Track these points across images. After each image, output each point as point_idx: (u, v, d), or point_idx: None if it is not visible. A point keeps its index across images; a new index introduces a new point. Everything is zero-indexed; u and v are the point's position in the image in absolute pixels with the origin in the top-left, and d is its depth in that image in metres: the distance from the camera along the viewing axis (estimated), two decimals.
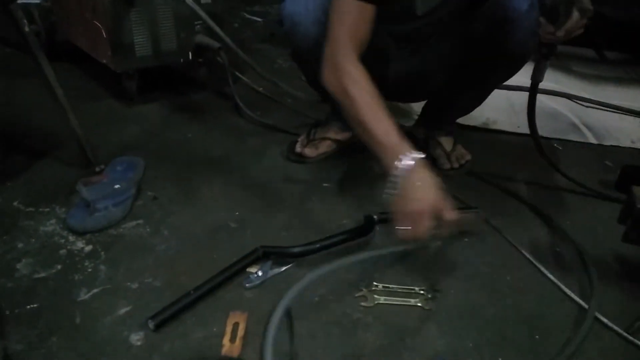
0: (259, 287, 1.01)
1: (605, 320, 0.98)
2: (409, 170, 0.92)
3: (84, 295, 0.97)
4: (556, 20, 1.07)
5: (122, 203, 1.18)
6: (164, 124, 1.62)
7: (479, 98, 1.41)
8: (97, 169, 1.31)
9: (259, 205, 1.26)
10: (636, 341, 0.94)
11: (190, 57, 1.77)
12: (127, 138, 1.53)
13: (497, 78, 1.32)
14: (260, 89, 1.89)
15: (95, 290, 0.98)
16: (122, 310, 0.94)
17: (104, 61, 1.68)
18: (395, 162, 0.93)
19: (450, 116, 1.49)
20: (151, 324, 0.89)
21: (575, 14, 1.04)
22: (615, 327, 0.96)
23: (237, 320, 0.92)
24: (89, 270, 1.03)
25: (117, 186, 1.19)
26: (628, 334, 0.95)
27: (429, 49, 1.30)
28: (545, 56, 1.17)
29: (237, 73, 1.86)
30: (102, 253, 1.07)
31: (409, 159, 0.92)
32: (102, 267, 1.04)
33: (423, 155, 0.94)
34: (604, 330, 0.97)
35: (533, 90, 1.25)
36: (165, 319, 0.91)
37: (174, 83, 1.91)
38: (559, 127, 1.82)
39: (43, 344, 0.86)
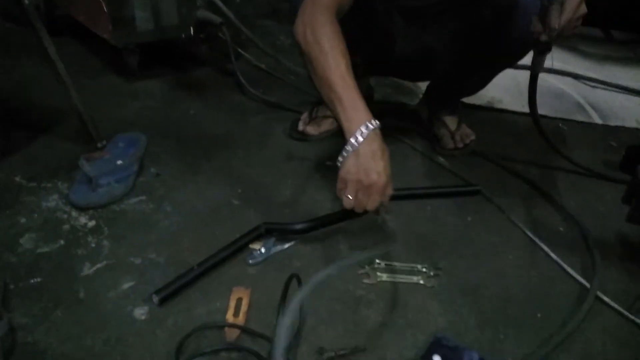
0: (262, 264, 1.01)
1: (606, 299, 0.98)
2: (366, 139, 0.91)
3: (87, 270, 0.97)
4: (546, 21, 1.04)
5: (124, 179, 1.17)
6: (166, 101, 1.61)
7: (483, 82, 1.41)
8: (99, 145, 1.30)
9: (261, 183, 1.25)
10: (637, 320, 0.94)
11: (192, 33, 1.74)
12: (129, 114, 1.52)
13: (501, 63, 1.31)
14: (263, 65, 1.87)
15: (98, 266, 0.98)
16: (126, 285, 0.94)
17: (105, 36, 1.66)
18: (354, 129, 0.92)
19: (454, 97, 1.48)
20: (155, 299, 0.90)
21: (565, 17, 1.01)
22: (617, 306, 0.97)
23: (241, 295, 0.93)
24: (93, 245, 1.03)
25: (119, 162, 1.19)
26: (629, 312, 0.95)
27: (437, 28, 1.28)
28: (542, 52, 1.15)
29: (239, 49, 1.84)
30: (105, 229, 1.07)
31: (368, 128, 0.92)
32: (106, 242, 1.04)
33: (380, 125, 0.93)
34: (605, 309, 0.97)
35: (533, 82, 1.24)
36: (169, 294, 0.91)
37: (176, 59, 1.89)
38: (564, 106, 1.80)
39: (47, 317, 0.87)
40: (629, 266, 1.08)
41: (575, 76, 2.00)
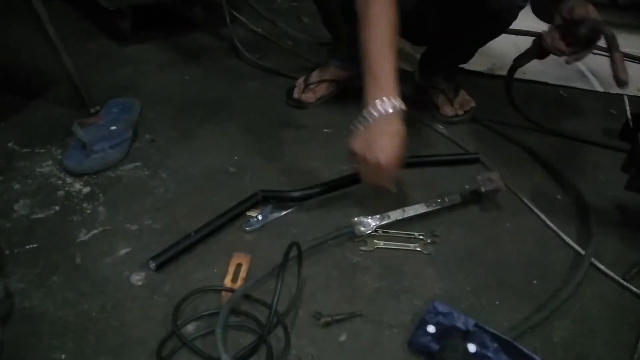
0: (258, 231, 1.01)
1: (601, 266, 0.99)
2: (383, 117, 0.90)
3: (83, 236, 0.97)
4: (570, 40, 1.01)
5: (119, 145, 1.16)
6: (160, 65, 1.58)
7: (473, 47, 1.38)
8: (92, 110, 1.28)
9: (258, 150, 1.24)
10: (632, 287, 0.95)
11: None
12: (122, 79, 1.49)
13: (485, 34, 1.30)
14: (259, 29, 1.83)
15: (94, 232, 0.98)
16: (122, 251, 0.94)
17: None
18: (377, 100, 0.90)
19: (447, 63, 1.45)
20: (152, 265, 0.90)
21: (594, 45, 0.97)
22: (612, 274, 0.97)
23: (241, 261, 0.93)
24: (88, 211, 1.02)
25: (113, 128, 1.17)
26: (624, 280, 0.96)
27: None
28: (539, 57, 1.12)
29: (234, 12, 1.79)
30: (101, 195, 1.06)
31: (391, 103, 0.90)
32: (101, 208, 1.03)
33: (404, 107, 0.92)
34: (600, 276, 0.98)
35: (511, 73, 1.24)
36: (166, 260, 0.91)
37: (169, 22, 1.84)
38: (564, 74, 1.77)
39: (44, 283, 0.87)
40: (625, 234, 1.08)
41: None
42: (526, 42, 1.20)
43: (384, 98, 0.90)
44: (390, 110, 0.90)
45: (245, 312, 0.83)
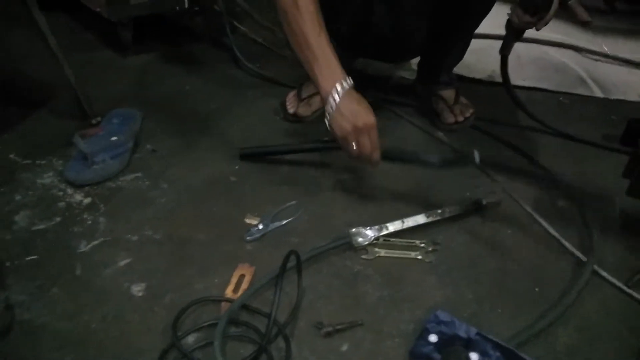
0: (259, 240, 1.01)
1: (604, 273, 0.98)
2: (343, 96, 0.99)
3: (83, 247, 0.97)
4: (533, 10, 1.05)
5: (120, 155, 1.16)
6: (161, 76, 1.58)
7: (464, 41, 1.40)
8: (94, 121, 1.29)
9: (258, 159, 1.24)
10: (635, 294, 0.94)
11: (186, 5, 1.70)
12: (124, 89, 1.49)
13: (473, 18, 1.31)
14: (259, 39, 1.84)
15: (95, 243, 0.98)
16: (123, 262, 0.94)
17: (98, 10, 1.62)
18: (330, 89, 0.99)
19: (444, 66, 1.46)
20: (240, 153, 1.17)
21: (555, 6, 1.01)
22: (614, 281, 0.97)
23: (244, 272, 0.92)
24: (89, 222, 1.02)
25: (114, 138, 1.17)
26: (627, 287, 0.95)
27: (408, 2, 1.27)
28: (516, 37, 1.16)
29: (234, 22, 1.80)
30: (101, 206, 1.06)
31: (343, 87, 0.99)
32: (102, 219, 1.03)
33: (353, 84, 1.01)
34: (603, 283, 0.97)
35: (504, 64, 1.25)
36: (251, 154, 1.20)
37: (170, 33, 1.85)
38: (565, 80, 1.77)
39: (44, 294, 0.87)
40: (627, 240, 1.07)
41: (577, 49, 1.96)
42: (526, 49, 1.21)
43: (338, 83, 0.99)
44: (346, 90, 0.99)
45: (246, 323, 0.83)
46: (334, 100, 0.99)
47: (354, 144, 1.01)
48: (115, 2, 1.57)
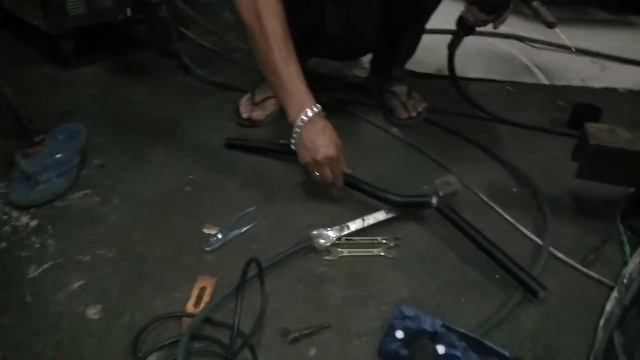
0: (219, 250, 0.98)
1: (560, 254, 1.01)
2: (309, 122, 0.99)
3: (33, 272, 0.92)
4: (489, 9, 1.07)
5: (66, 173, 1.11)
6: (106, 87, 1.53)
7: (415, 37, 1.41)
8: (37, 139, 1.23)
9: (214, 167, 1.21)
10: (591, 273, 0.97)
11: (129, 14, 1.66)
12: (67, 104, 1.44)
13: (422, 14, 1.33)
14: (208, 44, 1.80)
15: (45, 266, 0.93)
16: (76, 285, 0.90)
17: (35, 23, 1.56)
18: (296, 115, 0.99)
19: (395, 63, 1.47)
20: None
21: (512, 5, 1.05)
22: (571, 261, 0.99)
23: (205, 284, 0.90)
24: (37, 245, 0.97)
25: (58, 155, 1.12)
26: (583, 266, 0.98)
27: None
28: (467, 33, 1.19)
29: (181, 28, 1.76)
30: (49, 227, 1.01)
31: (310, 111, 0.99)
32: (51, 241, 0.98)
33: (321, 109, 1.01)
34: (560, 264, 1.00)
35: (451, 60, 1.28)
36: (236, 144, 1.25)
37: (114, 43, 1.79)
38: (511, 69, 1.82)
39: None
40: (580, 221, 1.11)
41: (521, 38, 2.02)
42: (472, 42, 1.23)
43: (303, 113, 0.98)
44: (312, 116, 0.99)
45: (209, 337, 0.80)
46: (299, 128, 1.00)
47: (316, 172, 1.03)
48: (53, 14, 1.51)
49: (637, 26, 2.32)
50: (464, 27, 1.17)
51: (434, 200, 1.04)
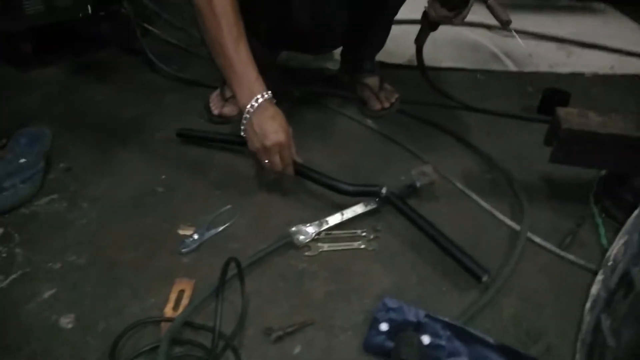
0: (196, 251, 0.96)
1: (537, 239, 1.02)
2: (258, 108, 0.98)
3: (1, 283, 0.88)
4: (450, 5, 1.08)
5: (30, 178, 1.06)
6: (68, 88, 1.48)
7: (384, 29, 1.41)
8: None
9: (186, 166, 1.18)
10: (568, 256, 0.98)
11: (90, 11, 1.60)
12: (29, 107, 1.38)
13: (391, 5, 1.32)
14: (174, 40, 1.76)
15: (13, 276, 0.89)
16: (47, 294, 0.86)
17: None
18: (246, 100, 0.98)
19: (366, 55, 1.46)
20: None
21: (471, 2, 1.05)
22: (548, 245, 1.00)
23: (183, 287, 0.87)
24: (4, 255, 0.93)
25: (22, 160, 1.07)
26: (560, 249, 0.99)
27: None
28: (431, 29, 1.21)
29: (145, 24, 1.71)
30: (16, 235, 0.97)
31: (261, 97, 0.98)
32: (18, 250, 0.94)
33: (271, 95, 1.00)
34: (538, 249, 1.01)
35: (419, 54, 1.30)
36: (188, 135, 1.22)
37: (75, 42, 1.73)
38: (480, 57, 1.84)
39: None
40: (556, 205, 1.12)
41: (488, 27, 2.04)
42: (440, 31, 1.23)
43: (253, 98, 0.97)
44: (262, 102, 0.98)
45: (190, 341, 0.78)
46: (248, 114, 0.98)
47: (265, 160, 1.01)
48: (9, 12, 1.45)
49: (599, 12, 2.37)
50: (427, 23, 1.18)
51: (384, 190, 1.03)
